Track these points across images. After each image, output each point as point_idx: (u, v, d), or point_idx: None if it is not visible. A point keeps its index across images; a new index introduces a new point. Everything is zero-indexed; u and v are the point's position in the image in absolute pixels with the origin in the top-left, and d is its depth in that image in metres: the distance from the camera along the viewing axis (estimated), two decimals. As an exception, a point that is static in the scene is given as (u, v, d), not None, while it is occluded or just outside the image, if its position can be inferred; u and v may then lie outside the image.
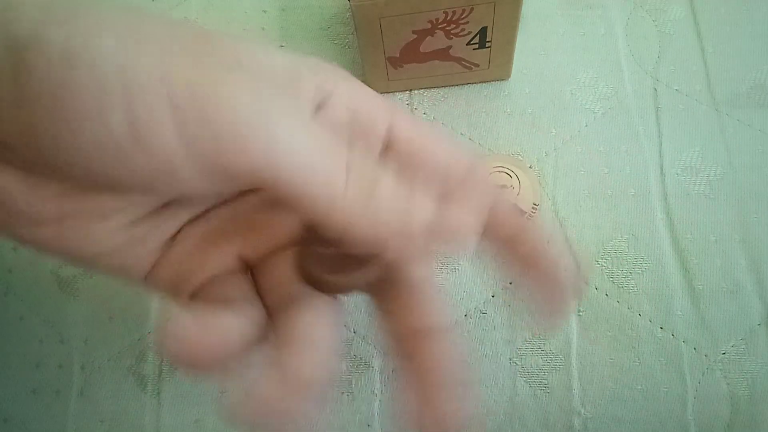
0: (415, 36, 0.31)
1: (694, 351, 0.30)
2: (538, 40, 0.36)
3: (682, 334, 0.30)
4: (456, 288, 0.31)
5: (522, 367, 0.30)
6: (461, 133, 0.34)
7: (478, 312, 0.31)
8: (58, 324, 0.32)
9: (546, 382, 0.30)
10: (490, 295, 0.31)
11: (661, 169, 0.33)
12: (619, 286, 0.31)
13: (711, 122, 0.34)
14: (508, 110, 0.35)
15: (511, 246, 0.20)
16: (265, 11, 0.38)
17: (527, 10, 0.37)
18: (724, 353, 0.30)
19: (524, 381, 0.30)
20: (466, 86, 0.35)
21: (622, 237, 0.32)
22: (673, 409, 0.29)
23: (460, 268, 0.32)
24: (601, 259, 0.31)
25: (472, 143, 0.34)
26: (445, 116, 0.35)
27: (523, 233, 0.20)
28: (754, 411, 0.29)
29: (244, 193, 0.20)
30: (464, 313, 0.31)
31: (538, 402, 0.30)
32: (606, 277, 0.31)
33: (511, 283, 0.31)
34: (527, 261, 0.20)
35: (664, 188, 0.32)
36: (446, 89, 0.35)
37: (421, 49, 0.32)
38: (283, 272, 0.20)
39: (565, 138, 0.34)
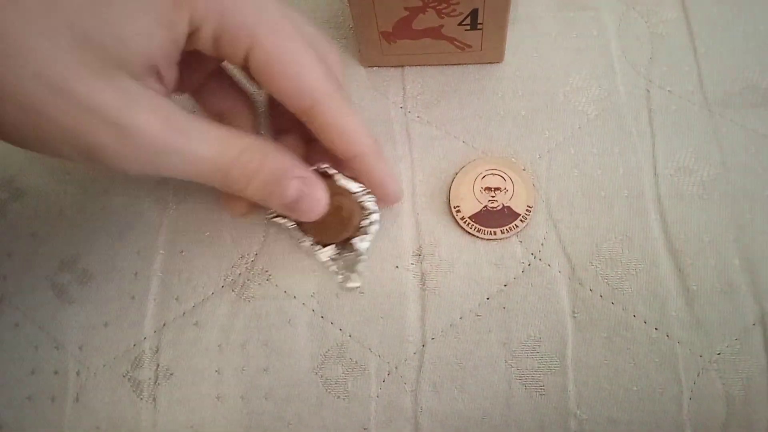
0: (407, 12, 0.31)
1: (688, 351, 0.30)
2: (531, 41, 0.36)
3: (677, 334, 0.30)
4: (451, 290, 0.31)
5: (517, 369, 0.30)
6: (454, 136, 0.34)
7: (473, 314, 0.31)
8: (54, 330, 0.32)
9: (541, 383, 0.30)
10: (485, 297, 0.31)
11: (655, 170, 0.33)
12: (613, 288, 0.31)
13: (704, 123, 0.34)
14: (502, 112, 0.35)
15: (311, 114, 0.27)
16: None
17: (519, 11, 0.37)
18: (719, 353, 0.30)
19: (520, 383, 0.30)
20: (458, 67, 0.36)
21: (616, 238, 0.32)
22: (669, 410, 0.29)
23: (454, 271, 0.32)
24: (595, 260, 0.31)
25: (465, 145, 0.34)
26: (439, 119, 0.35)
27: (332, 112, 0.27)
28: (750, 411, 0.29)
29: None
30: (459, 316, 0.31)
31: (533, 404, 0.30)
32: (600, 278, 0.31)
33: (506, 285, 0.31)
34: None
35: (658, 189, 0.32)
36: (438, 69, 0.36)
37: (414, 26, 0.32)
38: None
39: (559, 140, 0.34)
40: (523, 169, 0.33)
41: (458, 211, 0.32)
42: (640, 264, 0.31)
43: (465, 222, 0.32)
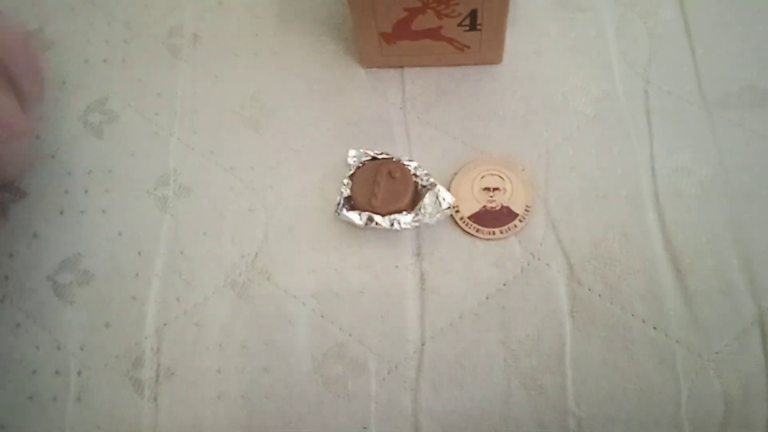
0: (406, 13, 0.32)
1: (687, 351, 0.30)
2: (530, 42, 0.36)
3: (675, 333, 0.30)
4: (450, 290, 0.32)
5: (516, 368, 0.30)
6: (454, 136, 0.35)
7: (472, 314, 0.31)
8: (55, 330, 0.33)
9: (540, 382, 0.30)
10: (484, 297, 0.31)
11: (653, 170, 0.33)
12: (611, 287, 0.31)
13: (702, 123, 0.34)
14: (500, 113, 0.35)
15: None
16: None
17: (518, 12, 0.37)
18: (717, 352, 0.30)
19: (519, 382, 0.30)
20: (457, 68, 0.36)
21: (614, 238, 0.32)
22: (667, 409, 0.29)
23: (454, 271, 0.32)
24: (594, 260, 0.31)
25: (464, 146, 0.34)
26: (438, 119, 0.35)
27: None
28: (748, 409, 0.29)
29: None
30: (458, 315, 0.31)
31: (532, 402, 0.30)
32: (599, 278, 0.31)
33: (505, 285, 0.32)
34: None
35: (656, 189, 0.33)
36: (437, 70, 0.36)
37: (413, 27, 0.33)
38: None
39: (557, 140, 0.34)
40: (522, 170, 0.34)
41: (457, 211, 0.33)
42: (639, 263, 0.31)
43: (464, 222, 0.32)
